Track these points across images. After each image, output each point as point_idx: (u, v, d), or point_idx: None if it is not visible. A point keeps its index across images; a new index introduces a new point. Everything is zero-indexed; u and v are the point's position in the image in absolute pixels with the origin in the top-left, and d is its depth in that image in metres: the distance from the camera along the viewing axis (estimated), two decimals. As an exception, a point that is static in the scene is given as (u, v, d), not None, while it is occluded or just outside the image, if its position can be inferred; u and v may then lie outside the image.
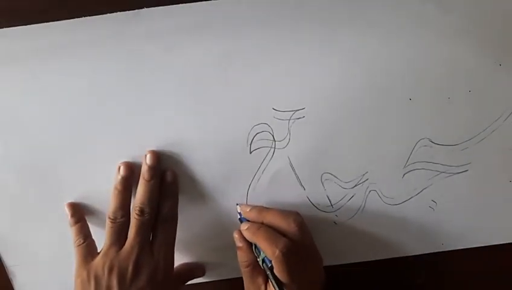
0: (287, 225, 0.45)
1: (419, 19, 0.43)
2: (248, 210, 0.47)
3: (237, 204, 0.49)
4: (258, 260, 0.45)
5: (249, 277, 0.47)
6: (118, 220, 0.44)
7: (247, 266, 0.46)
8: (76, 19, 0.41)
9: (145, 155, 0.45)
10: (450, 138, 0.48)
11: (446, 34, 0.44)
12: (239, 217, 0.48)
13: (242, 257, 0.47)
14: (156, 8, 0.41)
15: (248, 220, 0.47)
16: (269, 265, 0.44)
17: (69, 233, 0.47)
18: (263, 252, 0.44)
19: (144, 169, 0.45)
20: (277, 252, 0.42)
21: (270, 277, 0.44)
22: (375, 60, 0.45)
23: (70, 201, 0.47)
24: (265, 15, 0.43)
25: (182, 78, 0.44)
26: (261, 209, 0.47)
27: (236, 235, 0.47)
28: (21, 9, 0.41)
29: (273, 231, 0.45)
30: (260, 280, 0.46)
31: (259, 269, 0.46)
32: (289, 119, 0.46)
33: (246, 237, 0.46)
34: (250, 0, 0.42)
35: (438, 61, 0.45)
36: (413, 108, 0.46)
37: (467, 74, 0.45)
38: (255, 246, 0.46)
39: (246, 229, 0.46)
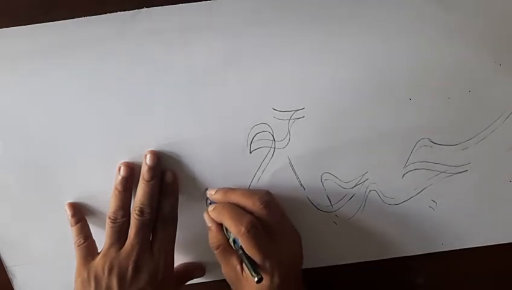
0: (251, 203, 0.44)
1: (420, 19, 0.43)
2: (213, 193, 0.47)
3: (206, 189, 0.48)
4: (230, 241, 0.45)
5: (222, 259, 0.46)
6: (118, 220, 0.44)
7: (218, 248, 0.46)
8: (76, 19, 0.41)
9: (145, 155, 0.45)
10: (450, 138, 0.48)
11: (446, 34, 0.44)
12: (208, 202, 0.48)
13: (212, 238, 0.46)
14: (156, 8, 0.41)
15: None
16: (239, 245, 0.43)
17: (69, 233, 0.47)
18: (232, 233, 0.44)
19: (144, 169, 0.45)
20: (242, 229, 0.42)
21: (243, 256, 0.43)
22: (375, 60, 0.44)
23: (70, 201, 0.47)
24: (265, 15, 0.42)
25: (181, 78, 0.44)
26: (227, 190, 0.47)
27: (205, 216, 0.47)
28: (21, 9, 0.41)
29: (238, 209, 0.44)
30: (234, 261, 0.46)
31: (231, 249, 0.45)
32: (289, 119, 0.46)
33: (213, 218, 0.46)
34: (251, 0, 0.42)
35: (438, 61, 0.45)
36: (413, 108, 0.46)
37: (467, 74, 0.45)
38: (226, 228, 0.45)
39: (212, 209, 0.46)
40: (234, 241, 0.44)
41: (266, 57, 0.44)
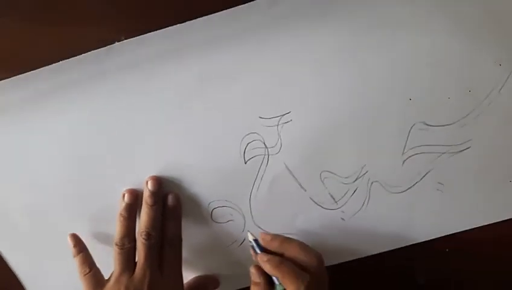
0: (309, 259, 0.44)
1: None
2: (269, 239, 0.46)
3: (248, 231, 0.47)
4: None
5: None
6: (125, 246, 0.45)
7: None
8: (50, 66, 0.43)
9: (146, 181, 0.46)
10: (445, 117, 0.47)
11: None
12: (251, 244, 0.46)
13: None
14: (127, 40, 0.42)
15: (263, 249, 0.45)
16: None
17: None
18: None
19: (146, 195, 0.46)
20: (302, 287, 0.42)
21: None
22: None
23: (72, 232, 0.48)
24: (240, 23, 0.43)
25: (166, 103, 0.45)
26: (283, 240, 0.45)
27: (253, 270, 0.45)
28: (21, 10, 0.43)
29: (295, 266, 0.43)
30: None
31: None
32: (277, 125, 0.46)
33: (266, 270, 0.44)
34: (221, 18, 0.43)
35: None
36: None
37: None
38: (276, 283, 0.44)
39: (267, 260, 0.44)
40: None
41: (244, 68, 0.44)
